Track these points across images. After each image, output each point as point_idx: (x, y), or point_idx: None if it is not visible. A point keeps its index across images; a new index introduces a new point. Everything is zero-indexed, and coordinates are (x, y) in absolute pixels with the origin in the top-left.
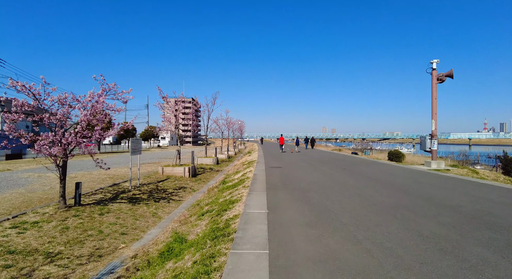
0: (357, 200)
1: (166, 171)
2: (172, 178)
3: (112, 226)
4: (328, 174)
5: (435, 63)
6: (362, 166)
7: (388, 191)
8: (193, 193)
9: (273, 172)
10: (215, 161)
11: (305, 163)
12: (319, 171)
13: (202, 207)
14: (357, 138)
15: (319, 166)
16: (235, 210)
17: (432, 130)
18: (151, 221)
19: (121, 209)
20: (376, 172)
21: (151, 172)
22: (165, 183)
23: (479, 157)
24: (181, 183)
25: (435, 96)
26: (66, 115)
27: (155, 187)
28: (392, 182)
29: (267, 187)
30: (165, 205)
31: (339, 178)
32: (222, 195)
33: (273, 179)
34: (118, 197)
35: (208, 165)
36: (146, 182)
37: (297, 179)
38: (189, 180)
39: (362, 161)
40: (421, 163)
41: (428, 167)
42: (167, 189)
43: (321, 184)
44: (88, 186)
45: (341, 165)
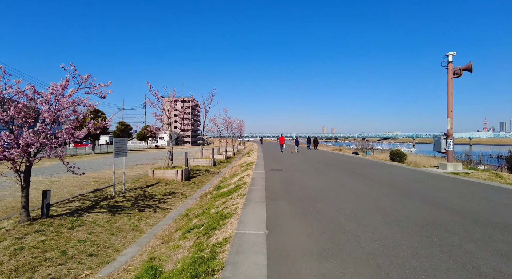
0: (376, 214)
1: (157, 174)
2: (163, 181)
3: (81, 244)
4: (335, 178)
5: (451, 56)
6: (371, 169)
7: (410, 202)
8: (184, 199)
9: (274, 176)
10: (212, 162)
11: (308, 165)
12: (325, 175)
13: (190, 219)
14: (357, 137)
15: (324, 168)
16: (226, 230)
17: (447, 130)
18: (130, 237)
19: (97, 221)
20: (388, 176)
21: (141, 175)
22: (155, 187)
23: (481, 157)
24: (172, 188)
25: (451, 92)
26: (25, 111)
27: (143, 192)
28: (411, 189)
29: (266, 195)
30: (150, 215)
31: (349, 184)
32: (215, 205)
33: (274, 185)
34: (97, 205)
35: (205, 167)
36: (134, 186)
37: (301, 185)
38: (182, 184)
39: (369, 163)
40: (434, 165)
41: (443, 170)
42: (155, 195)
43: (329, 192)
44: (68, 192)
45: (348, 168)
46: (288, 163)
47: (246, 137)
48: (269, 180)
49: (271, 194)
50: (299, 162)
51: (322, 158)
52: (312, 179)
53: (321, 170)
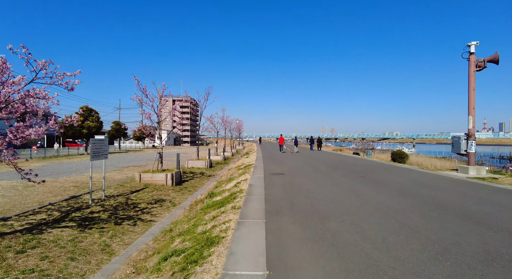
0: (412, 239)
1: (144, 178)
2: (151, 186)
3: (25, 277)
4: (344, 185)
5: (473, 46)
6: (382, 173)
7: (449, 220)
8: (172, 209)
9: (274, 181)
10: (207, 164)
11: (311, 168)
12: (332, 180)
13: (173, 237)
14: (357, 138)
15: (330, 172)
16: (209, 268)
17: (469, 129)
18: (96, 262)
19: (59, 239)
20: (404, 182)
21: (129, 179)
22: (140, 194)
23: (483, 157)
24: (160, 194)
25: (473, 86)
26: None
27: (125, 200)
28: (441, 200)
29: (266, 208)
30: (127, 230)
31: (362, 192)
32: (203, 220)
33: (274, 194)
34: (67, 217)
35: (200, 169)
36: (116, 193)
37: (307, 193)
38: (171, 190)
39: (377, 166)
40: (452, 169)
41: (465, 174)
42: (139, 204)
43: (342, 204)
44: (38, 200)
45: (356, 171)
46: (290, 165)
47: (245, 137)
48: (269, 187)
49: (272, 207)
50: (302, 165)
51: (325, 159)
52: (319, 186)
53: (327, 174)
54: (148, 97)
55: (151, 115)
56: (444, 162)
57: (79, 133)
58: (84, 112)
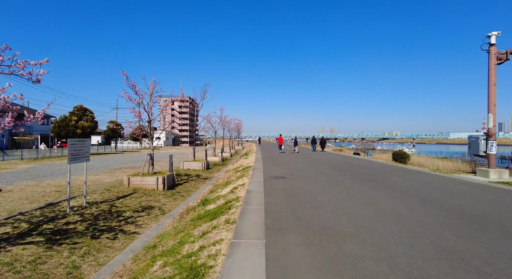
0: (460, 272)
1: (134, 182)
2: (140, 191)
3: None
4: (354, 191)
5: (493, 37)
6: (392, 176)
7: (499, 241)
8: (161, 217)
9: (275, 186)
10: (204, 165)
11: (314, 170)
12: (339, 184)
13: (155, 258)
14: (356, 138)
15: (335, 175)
16: None
17: (488, 128)
18: None
19: (17, 260)
20: (421, 188)
21: (117, 183)
22: (127, 200)
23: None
24: (149, 200)
25: (493, 81)
26: None
27: (109, 207)
28: (472, 212)
29: (266, 223)
30: (105, 246)
31: (377, 200)
32: (192, 235)
33: (276, 203)
34: (37, 229)
35: (196, 171)
36: (101, 199)
37: (313, 202)
38: (163, 195)
39: (385, 168)
40: (467, 171)
41: (485, 178)
42: (124, 212)
43: (357, 217)
44: (10, 208)
45: (363, 174)
46: (291, 167)
47: (245, 137)
48: (269, 193)
49: (273, 221)
50: (303, 166)
51: (327, 160)
52: (326, 192)
53: (332, 177)
54: (138, 94)
55: (141, 114)
56: (447, 162)
57: (72, 133)
58: (78, 112)
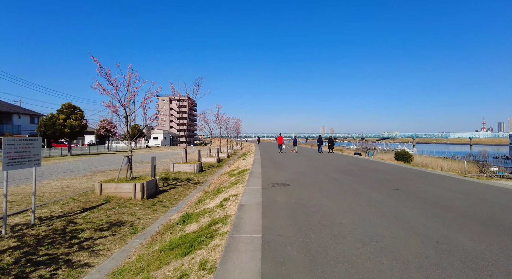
0: None
1: (107, 190)
2: (114, 201)
3: None
4: (382, 207)
5: None
6: (419, 183)
7: None
8: (129, 239)
9: (276, 198)
10: (197, 168)
11: (321, 174)
12: (359, 196)
13: None
14: (356, 137)
15: (347, 181)
16: None
17: None
18: None
19: None
20: (464, 200)
21: (89, 190)
22: (93, 213)
23: (487, 158)
24: (122, 213)
25: None
26: None
27: (65, 225)
28: None
29: (263, 272)
30: None
31: (423, 225)
32: None
33: (278, 228)
34: None
35: (187, 174)
36: (60, 212)
37: (332, 227)
38: (140, 206)
39: (403, 171)
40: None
41: None
42: (82, 231)
43: (404, 257)
44: None
45: (381, 180)
46: (294, 171)
47: (244, 137)
48: (268, 210)
49: (275, 267)
50: (309, 170)
51: (333, 162)
52: (345, 209)
53: (346, 184)
54: (114, 85)
55: (118, 108)
56: (451, 163)
57: (60, 133)
58: (66, 110)
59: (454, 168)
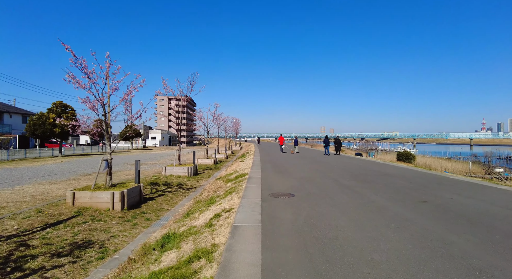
0: None
1: (81, 199)
2: (88, 213)
3: None
4: (413, 226)
5: None
6: (449, 193)
7: None
8: (93, 268)
9: (280, 216)
10: (191, 171)
11: (329, 181)
12: (383, 213)
13: None
14: (356, 137)
15: (364, 190)
16: None
17: None
18: None
19: None
20: None
21: (62, 199)
22: (57, 230)
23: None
24: (93, 229)
25: None
26: None
27: (11, 249)
28: None
29: None
30: None
31: (477, 259)
32: None
33: (284, 263)
34: None
35: (180, 178)
36: (15, 229)
37: (359, 265)
38: (118, 219)
39: (421, 176)
40: None
41: None
42: (33, 258)
43: None
44: None
45: (402, 189)
46: (299, 176)
47: (243, 137)
48: (270, 237)
49: None
50: (315, 174)
51: (341, 165)
52: (370, 233)
53: (363, 195)
54: (90, 77)
55: (95, 105)
56: (455, 164)
57: (50, 133)
58: (57, 109)
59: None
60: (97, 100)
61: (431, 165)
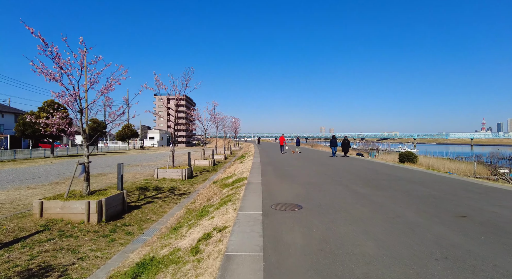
0: None
1: (51, 210)
2: (57, 226)
3: None
4: (470, 259)
5: None
6: (484, 203)
7: None
8: None
9: (287, 240)
10: (185, 173)
11: (341, 187)
12: (413, 231)
13: None
14: (356, 138)
15: (382, 200)
16: None
17: None
18: None
19: None
20: None
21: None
22: (10, 253)
23: (493, 159)
24: (60, 248)
25: None
26: None
27: None
28: None
29: None
30: None
31: None
32: None
33: None
34: None
35: (173, 182)
36: None
37: None
38: (93, 234)
39: (441, 181)
40: None
41: None
42: None
43: None
44: None
45: (427, 198)
46: (303, 180)
47: (243, 137)
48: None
49: None
50: (321, 179)
51: (348, 168)
52: (412, 269)
53: (382, 205)
54: (63, 68)
55: (69, 100)
56: (459, 164)
57: (40, 132)
58: (48, 108)
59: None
60: (70, 94)
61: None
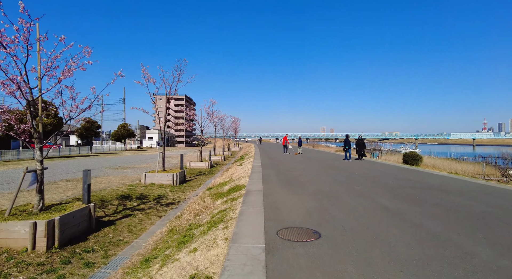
0: None
1: None
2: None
3: None
4: None
5: None
6: None
7: None
8: None
9: None
10: (176, 178)
11: (364, 200)
12: (487, 272)
13: None
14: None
15: (425, 221)
16: None
17: None
18: None
19: None
20: None
21: None
22: None
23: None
24: None
25: None
26: None
27: None
28: None
29: None
30: None
31: None
32: None
33: None
34: None
35: (162, 188)
36: None
37: None
38: (31, 270)
39: (487, 192)
40: None
41: None
42: None
43: None
44: None
45: (490, 219)
46: (314, 189)
47: (244, 137)
48: None
49: None
50: (335, 187)
51: (361, 172)
52: None
53: (430, 232)
54: (11, 53)
55: (15, 90)
56: (466, 165)
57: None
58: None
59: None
60: (11, 79)
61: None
